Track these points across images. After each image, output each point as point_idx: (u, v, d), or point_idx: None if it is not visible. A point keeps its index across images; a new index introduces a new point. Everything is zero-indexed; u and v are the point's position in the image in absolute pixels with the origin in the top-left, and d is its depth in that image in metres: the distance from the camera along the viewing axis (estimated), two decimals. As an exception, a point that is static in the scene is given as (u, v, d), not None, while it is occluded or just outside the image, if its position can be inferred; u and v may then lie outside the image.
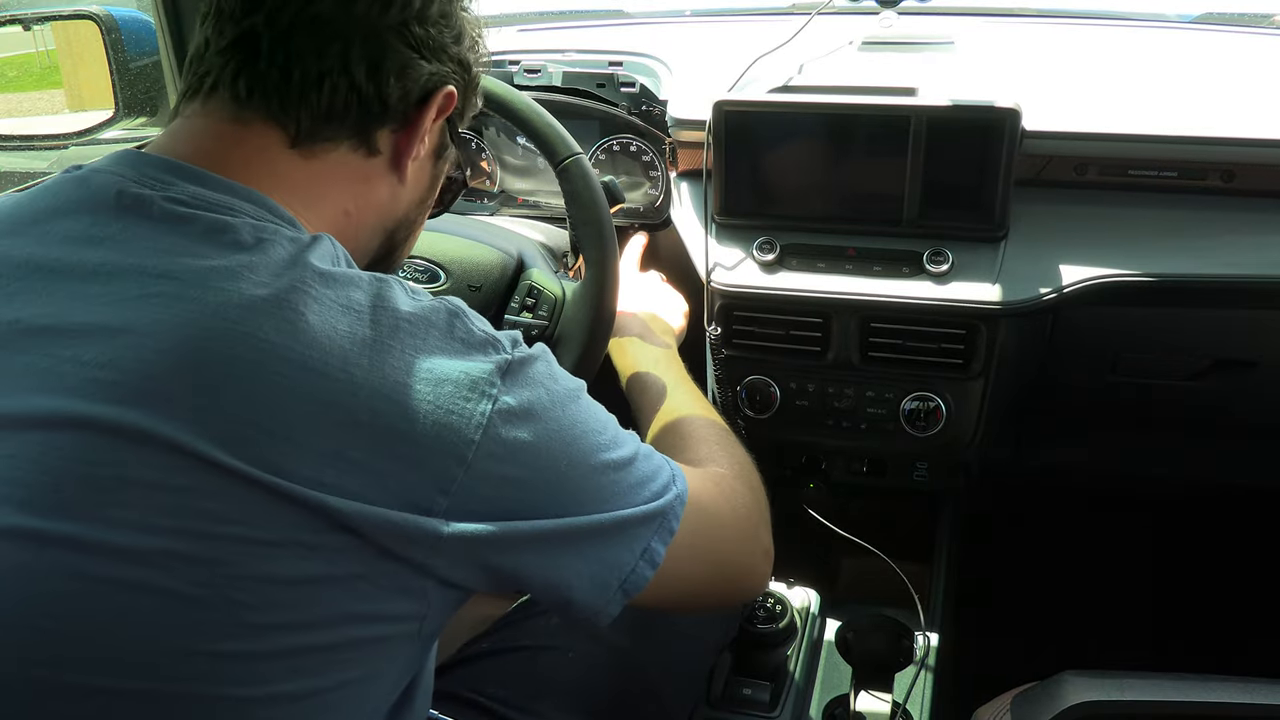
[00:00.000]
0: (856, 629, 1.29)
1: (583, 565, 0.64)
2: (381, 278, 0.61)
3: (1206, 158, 1.16)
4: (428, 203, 0.78)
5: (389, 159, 0.70)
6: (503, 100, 1.05)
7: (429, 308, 0.60)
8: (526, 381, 0.61)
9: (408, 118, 0.69)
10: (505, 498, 0.59)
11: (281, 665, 0.54)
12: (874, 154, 1.18)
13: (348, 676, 0.57)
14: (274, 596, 0.53)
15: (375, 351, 0.56)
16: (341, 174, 0.68)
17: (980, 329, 1.17)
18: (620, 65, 1.40)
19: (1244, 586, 1.69)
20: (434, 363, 0.58)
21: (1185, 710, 0.76)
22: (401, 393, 0.56)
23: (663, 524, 0.67)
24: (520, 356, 0.62)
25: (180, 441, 0.51)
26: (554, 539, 0.62)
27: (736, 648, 1.19)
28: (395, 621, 0.59)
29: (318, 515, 0.53)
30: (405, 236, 0.77)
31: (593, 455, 0.64)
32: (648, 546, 0.66)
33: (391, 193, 0.72)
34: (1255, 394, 1.32)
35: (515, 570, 0.61)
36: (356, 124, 0.67)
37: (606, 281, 1.03)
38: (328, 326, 0.55)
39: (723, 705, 1.17)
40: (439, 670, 0.91)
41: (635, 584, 0.66)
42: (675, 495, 0.68)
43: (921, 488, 1.42)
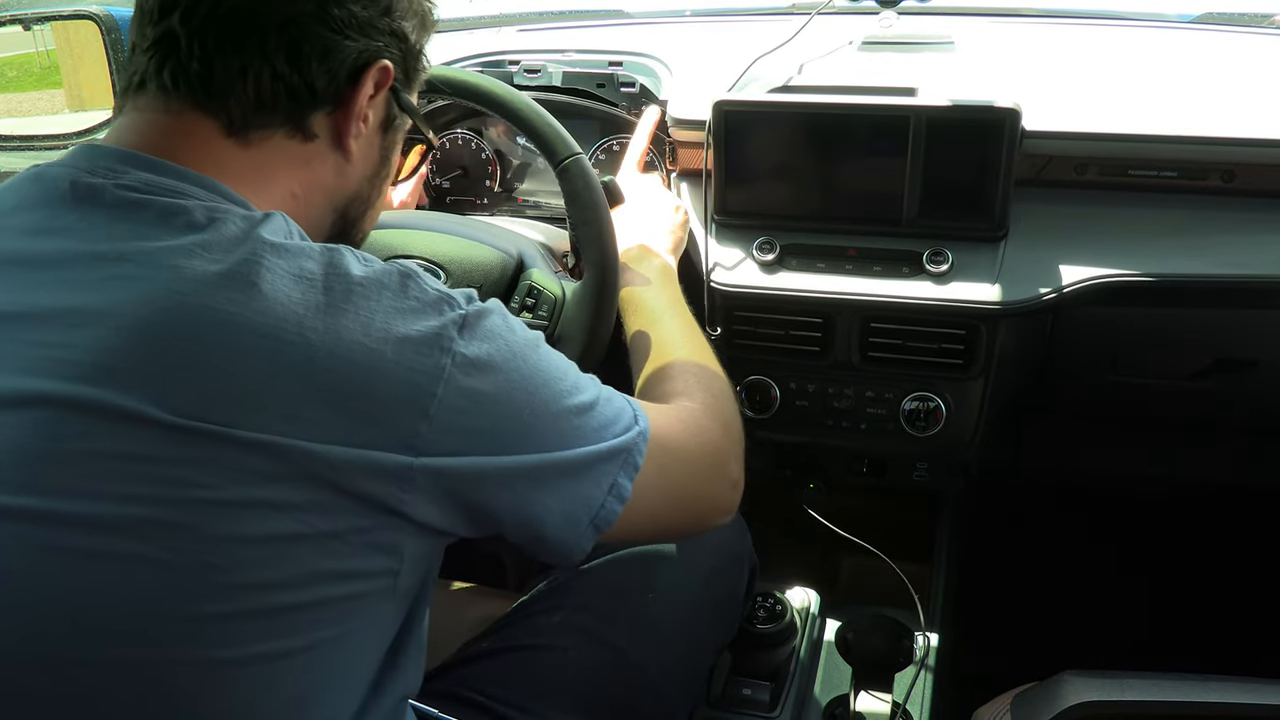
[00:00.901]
0: (856, 629, 1.29)
1: (553, 502, 0.66)
2: (333, 247, 0.62)
3: (1206, 158, 1.16)
4: (382, 175, 0.78)
5: (330, 140, 0.70)
6: (503, 100, 1.05)
7: (381, 270, 0.62)
8: (483, 334, 0.63)
9: (341, 98, 0.69)
10: (472, 444, 0.61)
11: (256, 625, 0.55)
12: (874, 154, 1.18)
13: (323, 635, 0.58)
14: (243, 556, 0.54)
15: (330, 315, 0.57)
16: (282, 159, 0.68)
17: (980, 329, 1.17)
18: (620, 65, 1.40)
19: (1244, 586, 1.69)
20: (389, 322, 0.59)
21: (1185, 710, 0.76)
22: (358, 352, 0.57)
23: (628, 460, 0.70)
24: (475, 310, 0.64)
25: (143, 412, 0.53)
26: (523, 476, 0.64)
27: (736, 648, 1.19)
28: (369, 578, 0.60)
29: (283, 463, 0.54)
30: (361, 212, 0.77)
31: (555, 401, 0.66)
32: (615, 482, 0.69)
33: (338, 172, 0.72)
34: (1255, 394, 1.32)
35: (488, 507, 0.64)
36: (288, 111, 0.67)
37: (607, 282, 1.03)
38: (281, 294, 0.57)
39: (723, 705, 1.17)
40: (439, 670, 0.91)
41: (606, 519, 0.69)
42: (638, 432, 0.71)
43: (921, 488, 1.42)
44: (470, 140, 1.47)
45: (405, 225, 1.13)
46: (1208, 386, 1.29)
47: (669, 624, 0.96)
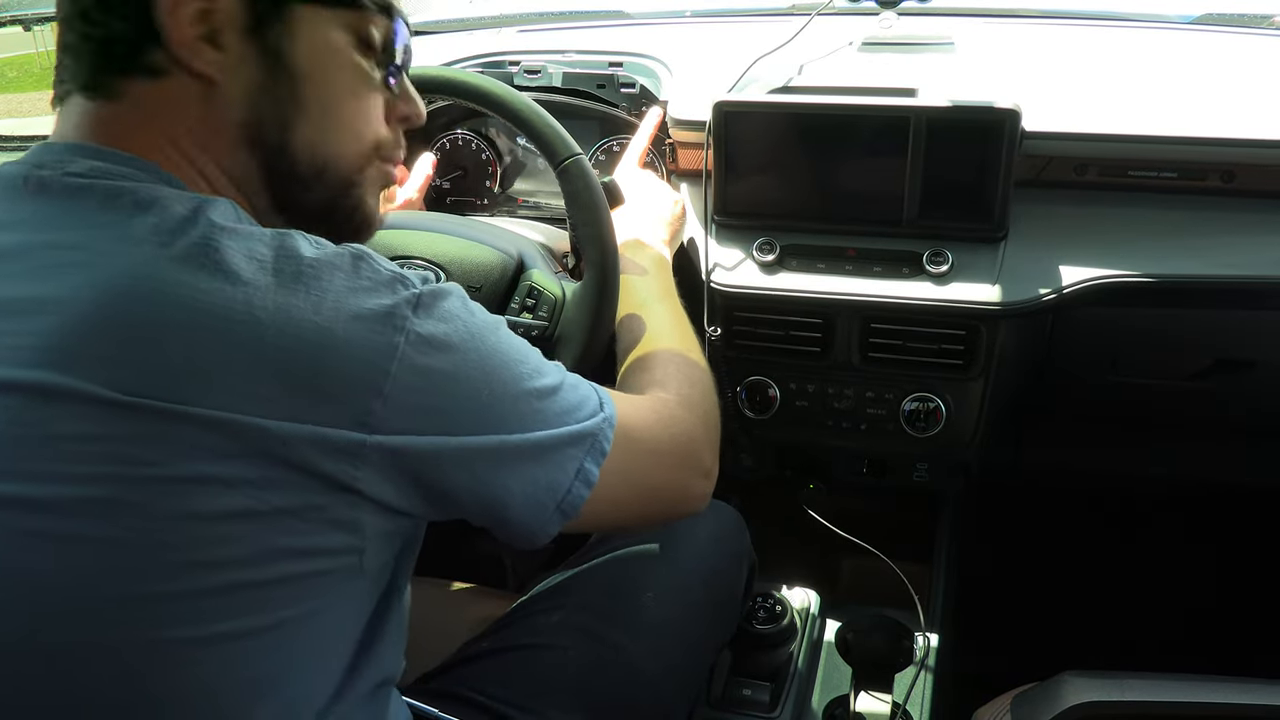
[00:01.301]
0: (856, 629, 1.29)
1: (515, 484, 0.66)
2: (285, 231, 0.61)
3: (1206, 158, 1.16)
4: (285, 84, 0.66)
5: (183, 69, 0.64)
6: (503, 100, 1.05)
7: (333, 252, 0.61)
8: (439, 315, 0.63)
9: (154, 24, 0.63)
10: (427, 423, 0.61)
11: (215, 604, 0.56)
12: (874, 154, 1.18)
13: (287, 614, 0.59)
14: (198, 534, 0.55)
15: (279, 294, 0.57)
16: (151, 109, 0.64)
17: (980, 329, 1.17)
18: (620, 66, 1.40)
19: (1244, 586, 1.69)
20: (341, 300, 0.59)
21: (1185, 710, 0.76)
22: (309, 330, 0.57)
23: (594, 445, 0.70)
24: (430, 290, 0.63)
25: (95, 392, 0.53)
26: (481, 457, 0.64)
27: (736, 648, 1.19)
28: (331, 556, 0.60)
29: (235, 439, 0.55)
30: (283, 137, 0.67)
31: (515, 383, 0.66)
32: (581, 467, 0.69)
33: (211, 98, 0.65)
34: (1255, 394, 1.32)
35: (445, 487, 0.63)
36: (124, 54, 0.64)
37: (607, 282, 1.03)
38: (230, 275, 0.56)
39: (723, 705, 1.17)
40: (439, 670, 0.91)
41: (572, 504, 0.69)
42: (603, 419, 0.71)
43: (921, 488, 1.42)
44: (470, 140, 1.47)
45: (405, 225, 1.13)
46: (1208, 386, 1.29)
47: (668, 623, 0.96)
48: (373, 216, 0.75)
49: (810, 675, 1.23)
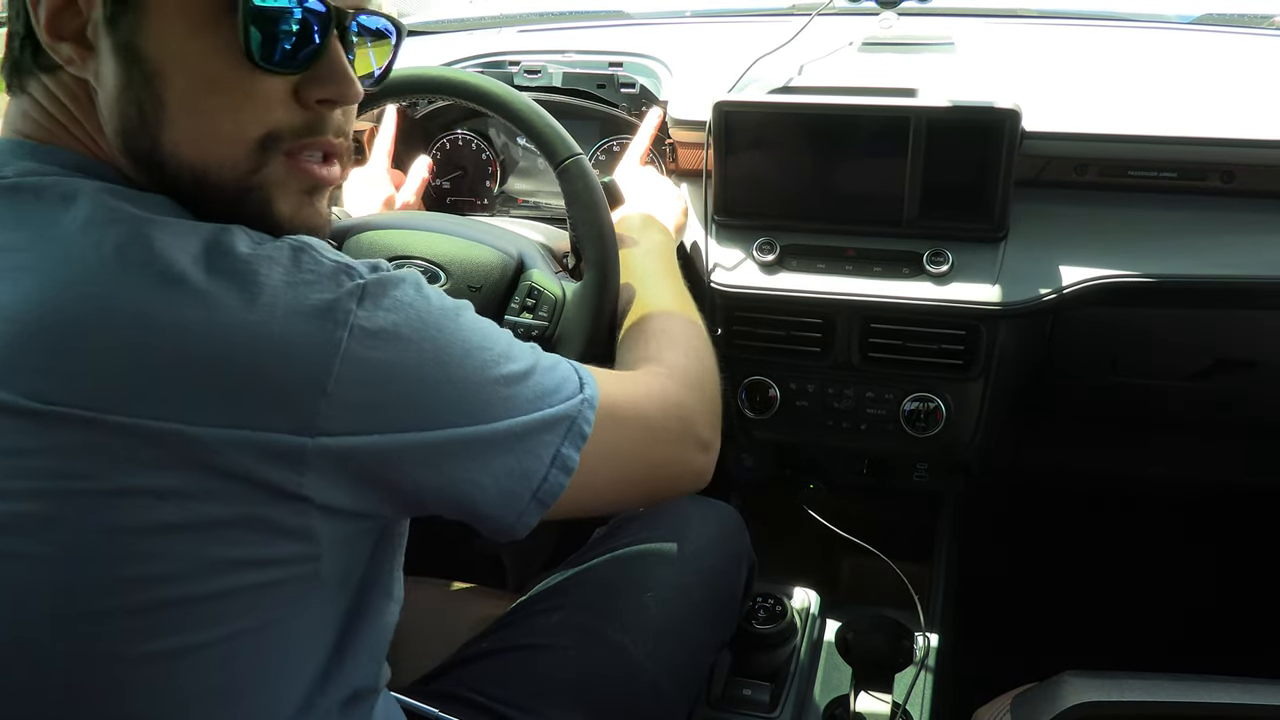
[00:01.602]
0: (856, 629, 1.29)
1: (485, 478, 0.63)
2: (223, 226, 0.58)
3: (1206, 158, 1.16)
4: (144, 83, 0.59)
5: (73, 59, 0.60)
6: (503, 101, 1.05)
7: (272, 246, 0.58)
8: (389, 305, 0.59)
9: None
10: (378, 421, 0.58)
11: (156, 620, 0.54)
12: (874, 154, 1.18)
13: (241, 626, 0.56)
14: (129, 548, 0.52)
15: (209, 294, 0.54)
16: (59, 102, 0.62)
17: (980, 330, 1.17)
18: (620, 66, 1.40)
19: (1244, 586, 1.69)
20: (277, 297, 0.55)
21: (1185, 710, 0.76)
22: (238, 332, 0.54)
23: (572, 428, 0.66)
24: (377, 279, 0.59)
25: (15, 403, 0.51)
26: (443, 452, 0.61)
27: (736, 648, 1.19)
28: (282, 565, 0.57)
29: (162, 449, 0.52)
30: (151, 144, 0.60)
31: (479, 371, 0.63)
32: (558, 452, 0.66)
33: (91, 99, 0.61)
34: (1255, 394, 1.32)
35: (406, 486, 0.60)
36: (22, 51, 0.62)
37: (607, 282, 1.03)
38: (156, 275, 0.53)
39: (723, 705, 1.17)
40: (439, 670, 0.91)
41: (550, 492, 0.65)
42: (582, 400, 0.68)
43: (921, 488, 1.42)
44: (470, 140, 1.47)
45: (405, 225, 1.13)
46: (1208, 387, 1.29)
47: (668, 623, 0.96)
48: (292, 221, 0.65)
49: (810, 675, 1.23)
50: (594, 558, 1.01)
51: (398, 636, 0.73)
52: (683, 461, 0.80)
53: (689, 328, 0.92)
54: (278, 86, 0.62)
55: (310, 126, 0.64)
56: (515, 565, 1.62)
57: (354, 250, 1.12)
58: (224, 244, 0.56)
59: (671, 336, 0.89)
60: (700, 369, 0.86)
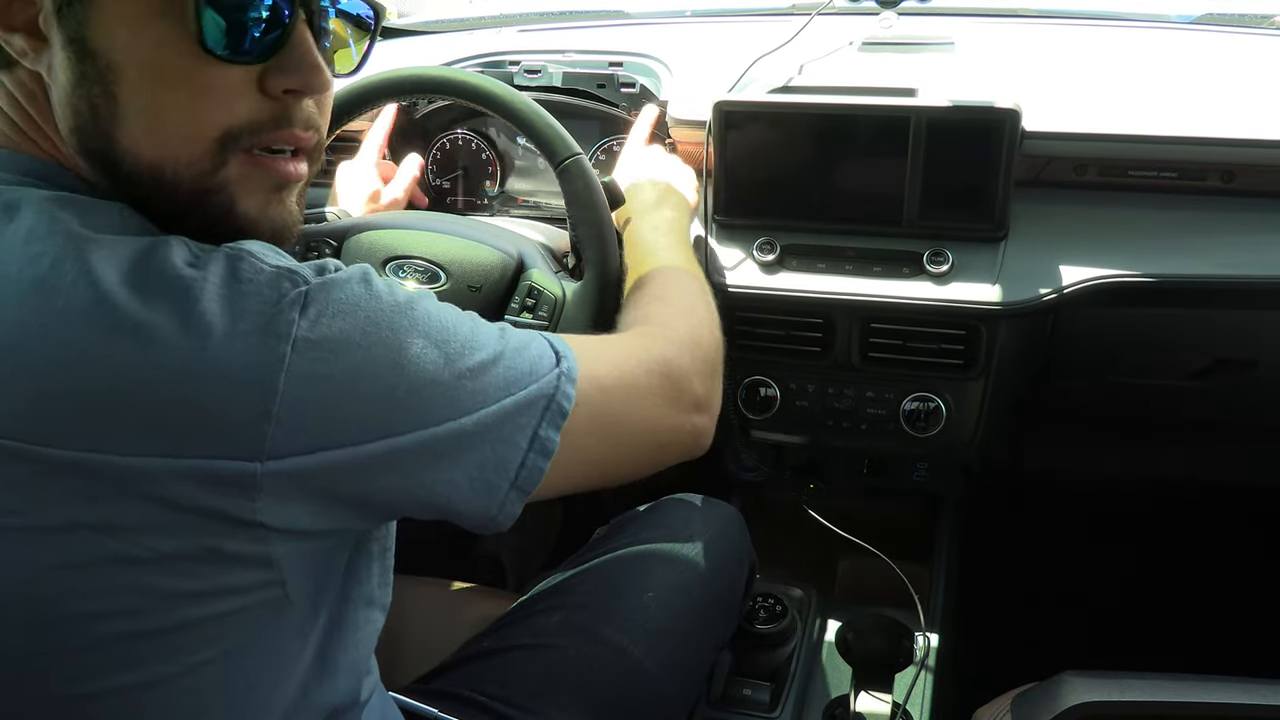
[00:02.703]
0: (856, 629, 1.28)
1: (458, 475, 0.59)
2: (163, 238, 0.54)
3: (1206, 158, 1.16)
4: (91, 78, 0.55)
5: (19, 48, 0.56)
6: (503, 100, 1.05)
7: (209, 257, 0.53)
8: (336, 309, 0.54)
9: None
10: (333, 435, 0.54)
11: (111, 655, 0.51)
12: (874, 154, 1.18)
13: (201, 657, 0.54)
14: (77, 586, 0.50)
15: (140, 316, 0.50)
16: (9, 98, 0.58)
17: (980, 329, 1.17)
18: (620, 66, 1.40)
19: (1244, 586, 1.69)
20: (213, 315, 0.51)
21: (1185, 710, 0.76)
22: (174, 356, 0.50)
23: (550, 407, 0.63)
24: (322, 283, 0.55)
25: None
26: (408, 455, 0.57)
27: (736, 648, 1.19)
28: (245, 593, 0.54)
29: (100, 482, 0.49)
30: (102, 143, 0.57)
31: (441, 368, 0.58)
32: (535, 435, 0.62)
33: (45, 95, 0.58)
34: (1255, 394, 1.32)
35: (373, 498, 0.57)
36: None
37: (607, 282, 1.03)
38: (87, 301, 0.49)
39: (723, 705, 1.17)
40: (439, 670, 0.91)
41: (530, 478, 0.62)
42: (559, 374, 0.64)
43: (921, 488, 1.42)
44: (470, 140, 1.47)
45: (405, 225, 1.13)
46: (1208, 387, 1.29)
47: (669, 622, 0.96)
48: (258, 221, 0.61)
49: (810, 675, 1.23)
50: (594, 558, 1.01)
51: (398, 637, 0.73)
52: (676, 424, 0.76)
53: (685, 286, 0.88)
54: (238, 77, 0.57)
55: (276, 119, 0.59)
56: (515, 565, 1.62)
57: (354, 250, 1.12)
58: (158, 261, 0.52)
59: (665, 297, 0.86)
60: (692, 324, 0.82)
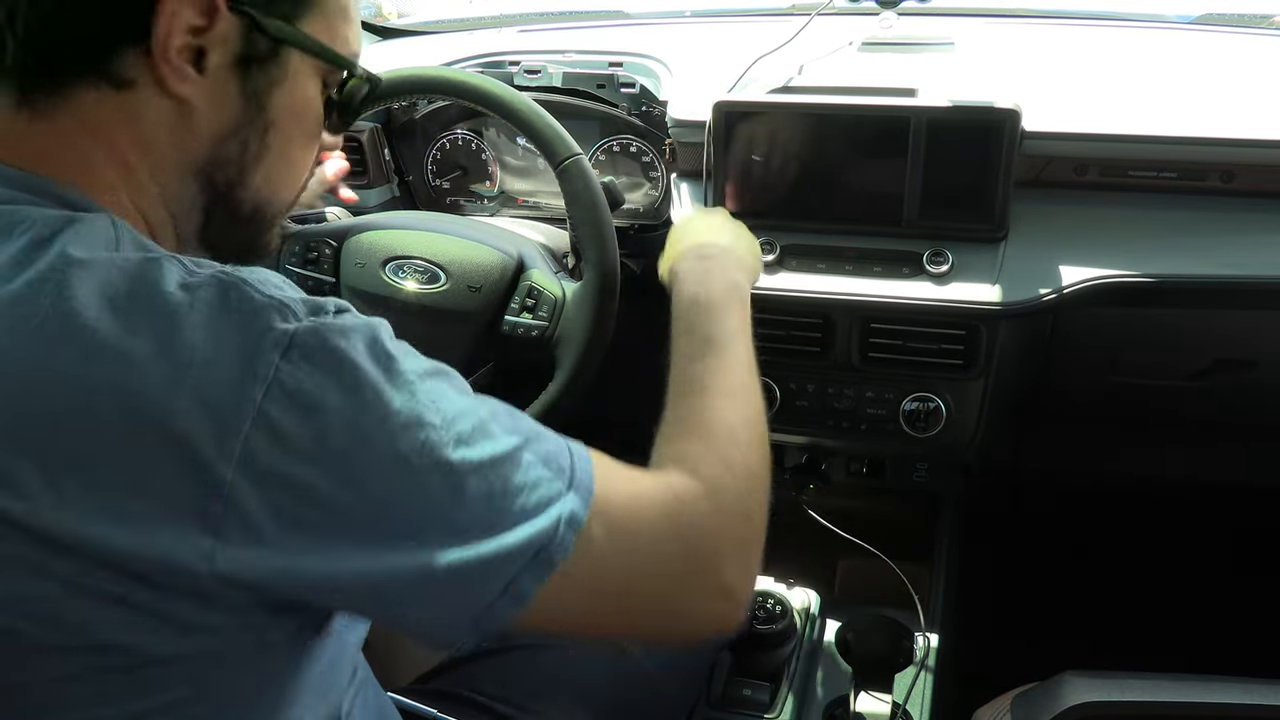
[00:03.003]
0: (856, 629, 1.28)
1: (408, 609, 0.53)
2: (155, 258, 0.50)
3: (1206, 158, 1.16)
4: (259, 126, 0.60)
5: (154, 85, 0.55)
6: (503, 100, 1.05)
7: (200, 281, 0.49)
8: (325, 358, 0.48)
9: (141, 31, 0.54)
10: (291, 520, 0.48)
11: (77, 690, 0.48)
12: (874, 154, 1.18)
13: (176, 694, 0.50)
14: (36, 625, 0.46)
15: (123, 345, 0.46)
16: (99, 119, 0.55)
17: (980, 329, 1.17)
18: (620, 66, 1.40)
19: (1244, 586, 1.69)
20: (196, 346, 0.46)
21: (1185, 710, 0.76)
22: (152, 394, 0.46)
23: (539, 557, 0.53)
24: (314, 326, 0.49)
25: None
26: (363, 582, 0.50)
27: (736, 648, 1.19)
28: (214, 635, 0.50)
29: (48, 546, 0.45)
30: (234, 177, 0.61)
31: (425, 477, 0.50)
32: (512, 582, 0.52)
33: (178, 125, 0.57)
34: (1255, 394, 1.32)
35: (327, 604, 0.53)
36: (77, 54, 0.54)
37: (607, 282, 1.03)
38: (66, 323, 0.46)
39: (723, 705, 1.17)
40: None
41: (494, 620, 0.53)
42: (558, 519, 0.53)
43: (921, 488, 1.42)
44: (470, 140, 1.47)
45: (405, 226, 1.13)
46: (1208, 387, 1.29)
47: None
48: (274, 243, 0.68)
49: (810, 675, 1.23)
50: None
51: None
52: (690, 609, 0.61)
53: (741, 413, 0.72)
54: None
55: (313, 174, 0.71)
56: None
57: (353, 250, 1.12)
58: (149, 280, 0.48)
59: (715, 431, 0.69)
60: (746, 488, 0.66)
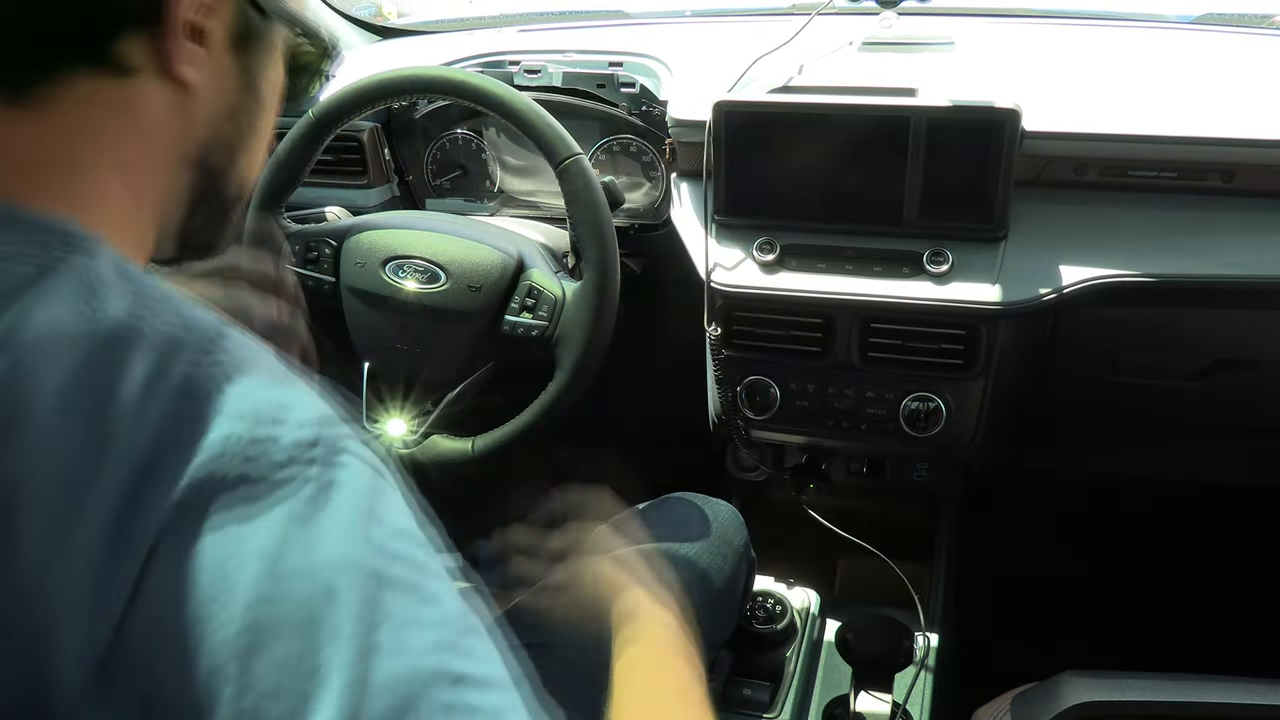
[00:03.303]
0: (856, 629, 1.29)
1: None
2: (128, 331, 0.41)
3: (1206, 158, 1.16)
4: (251, 107, 0.58)
5: (156, 70, 0.50)
6: (502, 100, 1.05)
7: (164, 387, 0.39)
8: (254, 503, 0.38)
9: (150, 7, 0.48)
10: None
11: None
12: (874, 154, 1.18)
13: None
14: None
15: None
16: (95, 112, 0.49)
17: (980, 329, 1.17)
18: (620, 66, 1.40)
19: (1244, 586, 1.69)
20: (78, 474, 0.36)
21: (1185, 710, 0.76)
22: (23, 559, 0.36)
23: None
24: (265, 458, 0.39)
25: None
26: None
27: (736, 648, 1.19)
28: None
29: None
30: (228, 160, 0.58)
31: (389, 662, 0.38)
32: None
33: (177, 111, 0.52)
34: (1255, 394, 1.32)
35: None
36: (78, 38, 0.47)
37: (606, 282, 1.03)
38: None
39: (723, 705, 1.17)
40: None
41: None
42: None
43: (921, 488, 1.42)
44: (470, 140, 1.47)
45: (405, 225, 1.13)
46: (1208, 387, 1.29)
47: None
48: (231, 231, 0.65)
49: (810, 675, 1.23)
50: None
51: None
52: None
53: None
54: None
55: None
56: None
57: (353, 250, 1.12)
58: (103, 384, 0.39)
59: None
60: None
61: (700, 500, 1.10)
